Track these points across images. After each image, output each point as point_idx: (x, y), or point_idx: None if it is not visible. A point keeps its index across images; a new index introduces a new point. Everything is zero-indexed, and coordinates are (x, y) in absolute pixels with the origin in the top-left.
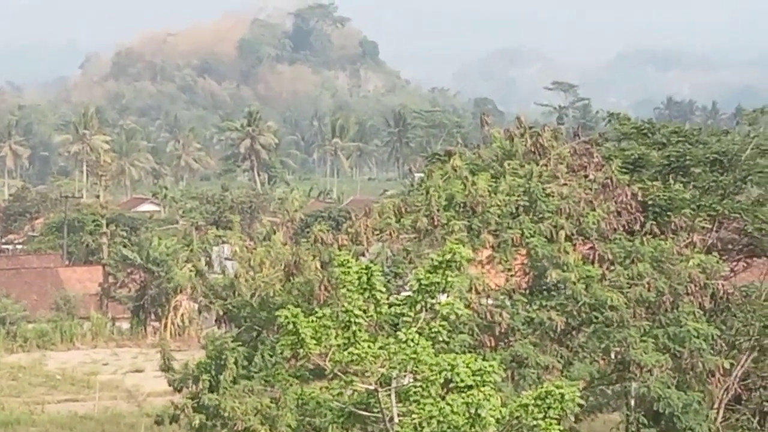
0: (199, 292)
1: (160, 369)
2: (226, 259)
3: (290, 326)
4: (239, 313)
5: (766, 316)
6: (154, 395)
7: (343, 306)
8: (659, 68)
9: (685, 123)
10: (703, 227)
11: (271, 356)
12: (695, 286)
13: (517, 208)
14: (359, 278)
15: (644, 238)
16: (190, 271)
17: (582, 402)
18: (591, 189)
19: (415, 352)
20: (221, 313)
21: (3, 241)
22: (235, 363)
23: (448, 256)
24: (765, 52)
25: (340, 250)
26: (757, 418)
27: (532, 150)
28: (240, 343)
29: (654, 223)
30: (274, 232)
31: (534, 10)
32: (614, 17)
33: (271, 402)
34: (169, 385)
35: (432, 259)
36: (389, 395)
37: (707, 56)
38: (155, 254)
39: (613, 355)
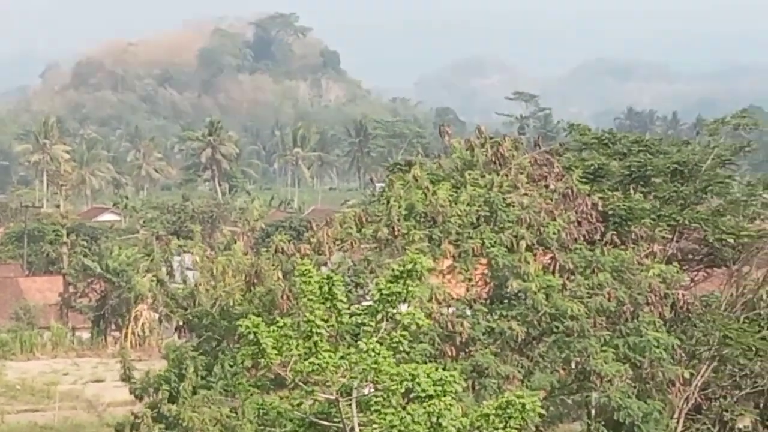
0: (160, 302)
1: (120, 379)
2: (187, 268)
3: (251, 336)
4: (200, 323)
5: (726, 326)
6: (115, 405)
7: (305, 316)
8: (619, 79)
9: (645, 133)
10: (663, 237)
11: (231, 366)
12: (655, 295)
13: (477, 218)
14: (320, 288)
15: (605, 248)
16: (151, 280)
17: (543, 412)
18: (551, 199)
19: (376, 362)
20: (182, 322)
21: None
22: (195, 373)
23: (409, 266)
24: (720, 64)
25: (301, 259)
26: (717, 428)
27: (493, 160)
28: (200, 352)
29: (614, 233)
30: (235, 242)
31: (495, 22)
32: (575, 29)
33: (231, 412)
34: (131, 394)
35: (393, 269)
36: (350, 405)
37: (666, 67)
38: (115, 264)
39: (573, 365)
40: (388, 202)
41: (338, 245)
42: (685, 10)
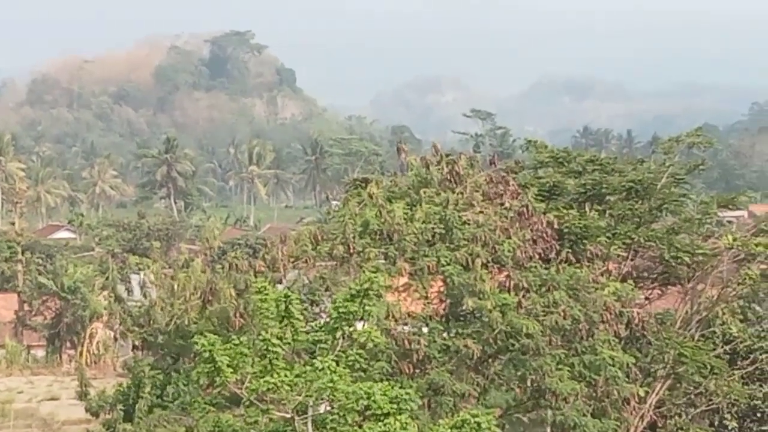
0: (117, 319)
1: (77, 396)
2: (146, 286)
3: (206, 354)
4: (155, 341)
5: (681, 344)
6: (69, 423)
7: (260, 334)
8: (574, 98)
9: (600, 151)
10: (618, 255)
11: (185, 384)
12: (610, 314)
13: (433, 236)
14: (277, 306)
15: (560, 266)
16: (108, 297)
17: (498, 430)
18: (507, 217)
19: (331, 380)
20: (138, 341)
21: None
22: (151, 391)
23: (366, 285)
24: (677, 84)
25: (256, 277)
26: None
27: (449, 178)
28: (156, 370)
29: (570, 251)
30: (193, 260)
31: (451, 40)
32: (531, 47)
33: (187, 431)
34: (86, 411)
35: (350, 288)
36: (306, 424)
37: (620, 86)
38: (70, 282)
39: (529, 383)
40: (344, 219)
41: (293, 263)
42: (642, 30)
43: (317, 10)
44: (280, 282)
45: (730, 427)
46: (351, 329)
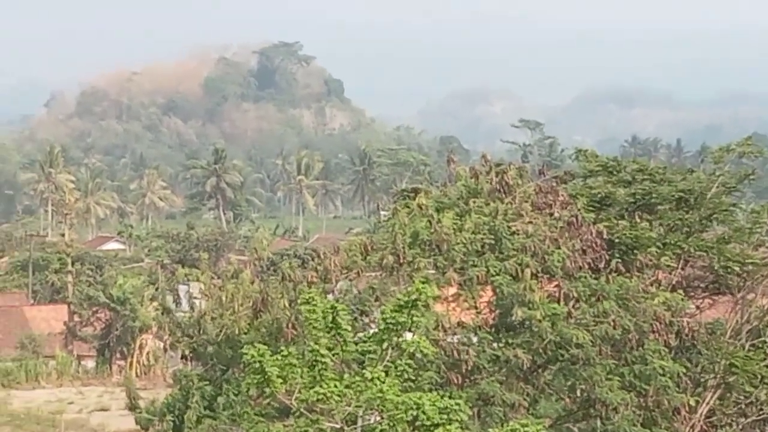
0: (165, 330)
1: (127, 408)
2: (193, 297)
3: (256, 365)
4: (205, 351)
5: (731, 354)
6: None
7: (309, 344)
8: (623, 107)
9: (649, 161)
10: (668, 265)
11: (236, 395)
12: (661, 323)
13: (482, 246)
14: (324, 317)
15: (610, 276)
16: (156, 309)
17: None
18: (556, 227)
19: (381, 391)
20: (187, 351)
21: None
22: (200, 402)
23: (414, 296)
24: (724, 92)
25: (309, 287)
26: None
27: (498, 188)
28: (206, 381)
29: (619, 261)
30: (242, 271)
31: (499, 50)
32: (578, 57)
33: None
34: (137, 424)
35: (398, 299)
36: None
37: (670, 95)
38: (119, 293)
39: (579, 393)
40: (394, 229)
41: (344, 273)
42: (689, 39)
43: (364, 21)
44: (332, 292)
45: None
46: (400, 339)
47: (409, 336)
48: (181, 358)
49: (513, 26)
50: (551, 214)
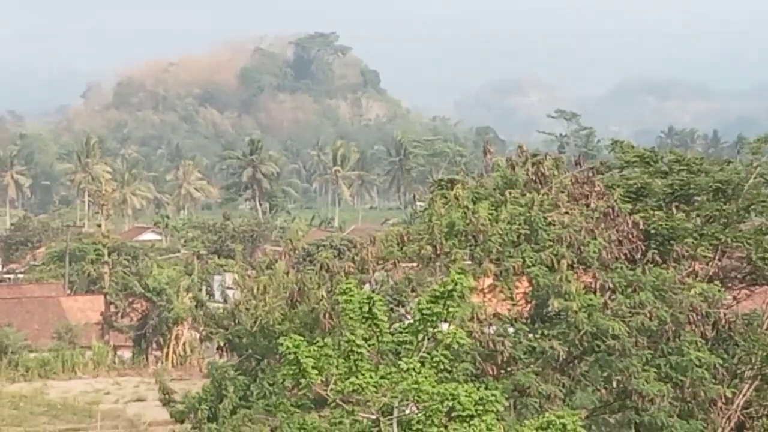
0: (199, 322)
1: (161, 402)
2: (227, 288)
3: (291, 356)
4: (240, 342)
5: None
6: (156, 424)
7: (345, 335)
8: (659, 98)
9: (686, 151)
10: (705, 256)
11: (270, 384)
12: (697, 314)
13: (518, 237)
14: (361, 307)
15: (646, 267)
16: (191, 301)
17: (583, 431)
18: (592, 218)
19: (416, 382)
20: (222, 343)
21: (5, 270)
22: (235, 393)
23: (450, 287)
24: (760, 82)
25: (346, 277)
26: None
27: (534, 179)
28: (241, 371)
29: (656, 251)
30: (277, 261)
31: (535, 41)
32: (613, 48)
33: (271, 431)
34: (171, 417)
35: (433, 290)
36: (391, 425)
37: (706, 86)
38: (155, 284)
39: (615, 384)
40: (430, 220)
41: (380, 264)
42: (725, 30)
43: (400, 11)
44: (369, 283)
45: None
46: (435, 330)
47: (444, 327)
48: (217, 349)
49: (548, 16)
50: (587, 205)
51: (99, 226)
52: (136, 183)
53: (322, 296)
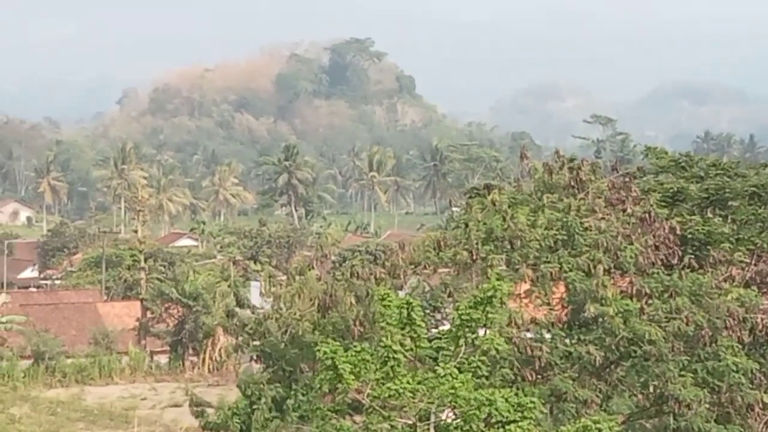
0: (231, 332)
1: (193, 415)
2: (261, 294)
3: (329, 361)
4: (271, 353)
5: None
6: (192, 430)
7: (382, 340)
8: (694, 103)
9: (722, 156)
10: (741, 261)
11: (304, 395)
12: (734, 319)
13: (555, 242)
14: (400, 313)
15: (682, 272)
16: (225, 308)
17: None
18: (629, 223)
19: (453, 387)
20: (254, 355)
21: (42, 276)
22: (267, 404)
23: (490, 293)
24: None
25: (377, 284)
26: None
27: (571, 184)
28: (273, 382)
29: (692, 256)
30: (310, 268)
31: (570, 46)
32: (649, 54)
33: None
34: (204, 429)
35: (474, 296)
36: (429, 430)
37: (742, 91)
38: (192, 289)
39: (651, 390)
40: (467, 226)
41: (413, 269)
42: (760, 34)
43: (435, 18)
44: (401, 288)
45: None
46: (474, 336)
47: (482, 333)
48: (251, 358)
49: (584, 22)
50: (624, 210)
51: (135, 232)
52: (173, 189)
53: (352, 303)
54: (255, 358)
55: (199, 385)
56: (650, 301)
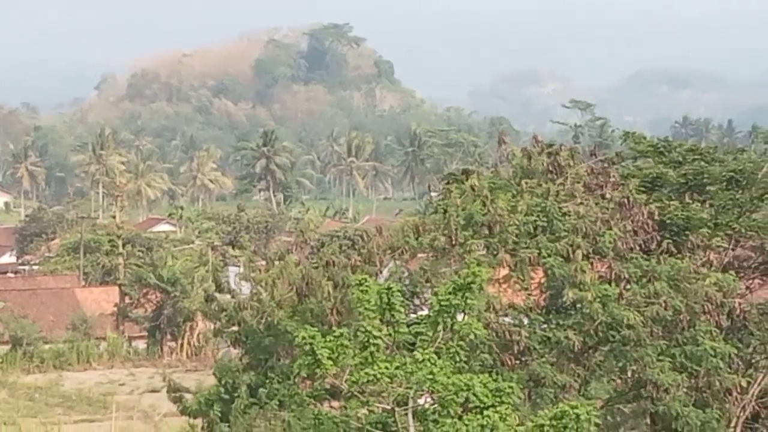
0: (210, 318)
1: (171, 401)
2: (241, 279)
3: (307, 347)
4: (247, 340)
5: None
6: (171, 415)
7: (361, 326)
8: (673, 88)
9: (701, 141)
10: (719, 245)
11: (280, 382)
12: (712, 304)
13: (534, 228)
14: (379, 298)
15: (661, 257)
16: (204, 293)
17: (598, 421)
18: (608, 208)
19: (432, 372)
20: (230, 341)
21: (20, 261)
22: (245, 390)
23: (470, 279)
24: None
25: (353, 272)
26: None
27: (550, 169)
28: (250, 367)
29: (671, 241)
30: (289, 253)
31: (549, 31)
32: (628, 38)
33: (283, 424)
34: (182, 415)
35: (453, 282)
36: (407, 415)
37: (719, 77)
38: (170, 274)
39: (630, 374)
40: (446, 211)
41: (391, 254)
42: (739, 19)
43: (414, 3)
44: (378, 274)
45: None
46: (452, 321)
47: (460, 317)
48: (228, 345)
49: (563, 7)
50: (603, 195)
51: (113, 217)
52: (151, 174)
53: (329, 292)
54: (232, 343)
55: (177, 370)
56: (629, 286)
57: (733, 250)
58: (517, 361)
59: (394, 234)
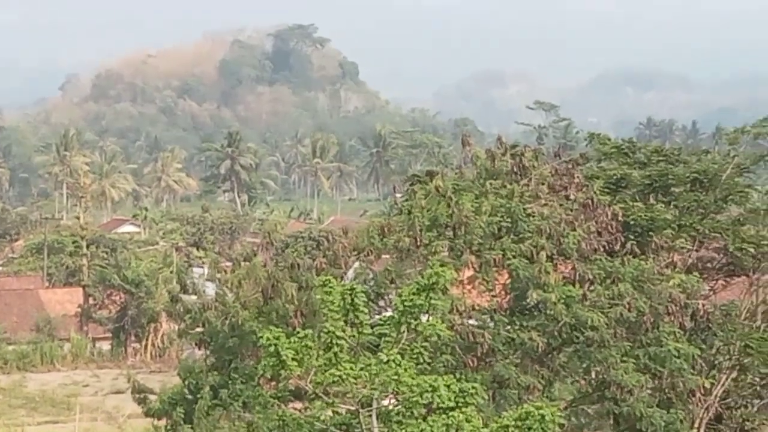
0: (175, 318)
1: (135, 402)
2: (207, 280)
3: (271, 348)
4: (211, 341)
5: (746, 335)
6: (135, 417)
7: (324, 327)
8: (638, 89)
9: (665, 143)
10: (683, 247)
11: (243, 383)
12: (676, 305)
13: (499, 229)
14: (343, 299)
15: (625, 258)
16: (169, 294)
17: (563, 422)
18: (572, 209)
19: (396, 374)
20: (194, 342)
21: None
22: (208, 392)
23: (433, 279)
24: (739, 74)
25: (317, 273)
26: None
27: (514, 170)
28: (214, 368)
29: (635, 243)
30: (255, 254)
31: (514, 32)
32: (594, 39)
33: (248, 426)
34: (147, 416)
35: (417, 282)
36: (371, 417)
37: (686, 77)
38: (134, 275)
39: (594, 375)
40: (410, 212)
41: (356, 255)
42: (705, 21)
43: (379, 3)
44: (343, 276)
45: None
46: (416, 322)
47: (423, 319)
48: (193, 346)
49: (528, 8)
50: (567, 197)
51: (77, 218)
52: (115, 175)
53: (293, 294)
54: (197, 344)
55: (141, 371)
56: (592, 287)
57: (696, 251)
58: (481, 363)
59: (359, 235)
